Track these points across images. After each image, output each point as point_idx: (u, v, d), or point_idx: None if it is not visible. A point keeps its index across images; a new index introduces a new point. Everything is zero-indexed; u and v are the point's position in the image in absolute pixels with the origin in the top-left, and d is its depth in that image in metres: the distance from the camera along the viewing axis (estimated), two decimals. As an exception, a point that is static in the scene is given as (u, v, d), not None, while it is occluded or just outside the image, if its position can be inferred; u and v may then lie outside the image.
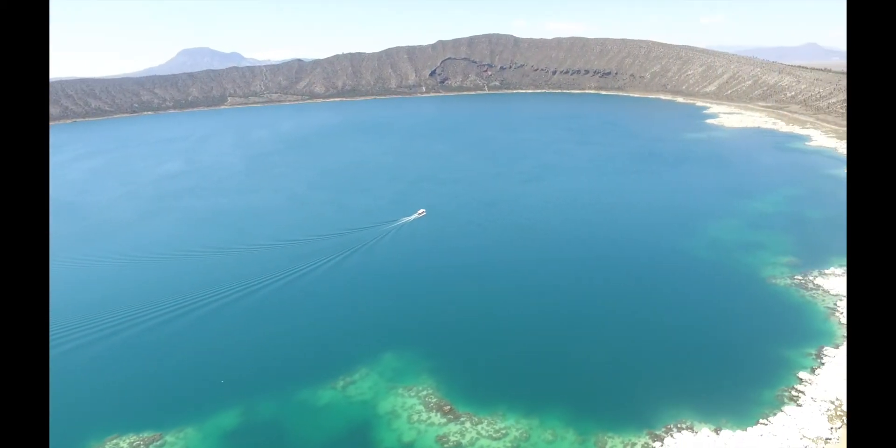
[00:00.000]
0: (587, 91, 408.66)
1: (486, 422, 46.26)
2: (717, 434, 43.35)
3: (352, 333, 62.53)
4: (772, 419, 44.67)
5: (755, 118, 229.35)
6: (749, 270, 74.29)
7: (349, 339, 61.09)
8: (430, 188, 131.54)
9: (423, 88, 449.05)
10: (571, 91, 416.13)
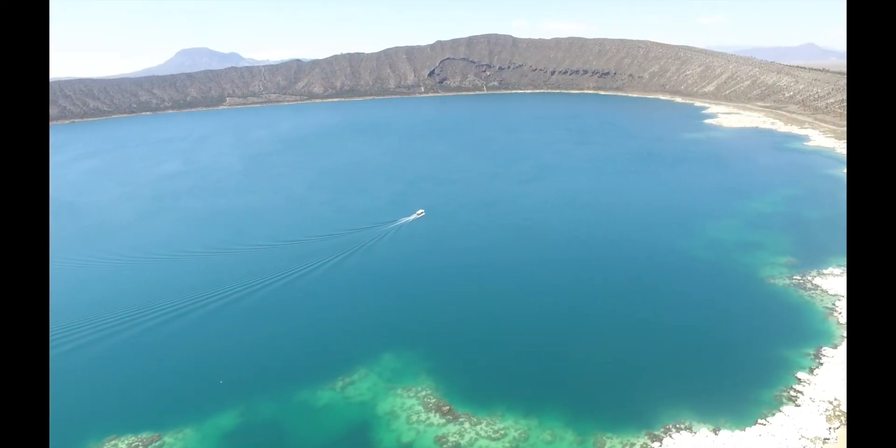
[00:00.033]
0: (586, 91, 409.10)
1: (485, 422, 46.31)
2: (716, 434, 43.44)
3: (351, 334, 62.55)
4: (770, 419, 44.77)
5: (753, 118, 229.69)
6: (747, 270, 74.41)
7: (348, 340, 61.11)
8: (429, 188, 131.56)
9: (422, 89, 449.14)
10: (570, 91, 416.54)
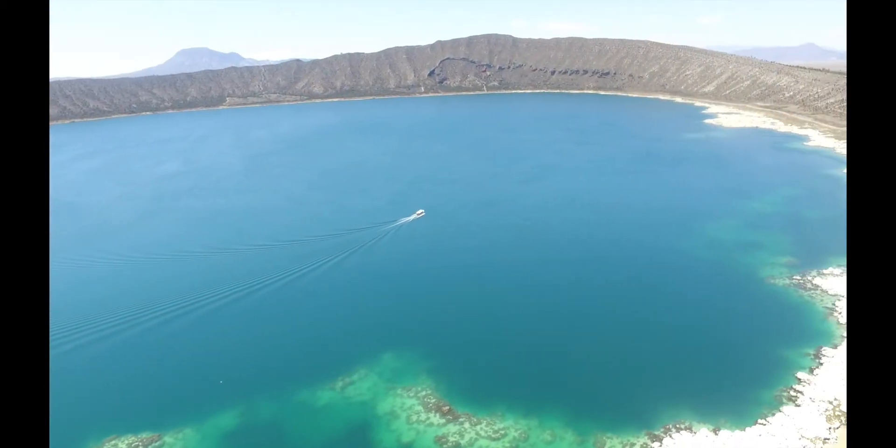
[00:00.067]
0: (586, 91, 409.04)
1: (485, 422, 46.32)
2: (716, 434, 43.44)
3: (351, 334, 62.55)
4: (770, 419, 44.78)
5: (753, 118, 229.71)
6: (747, 270, 74.41)
7: (348, 340, 61.11)
8: (429, 188, 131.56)
9: (422, 89, 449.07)
10: (570, 91, 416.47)
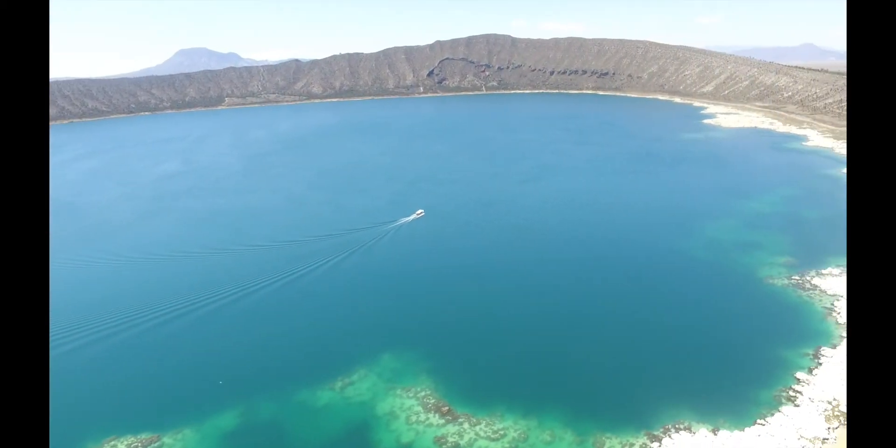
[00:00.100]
0: (585, 91, 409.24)
1: (485, 422, 46.33)
2: (715, 434, 43.49)
3: (351, 334, 62.54)
4: (769, 419, 44.84)
5: (752, 118, 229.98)
6: (746, 270, 74.50)
7: (348, 340, 61.10)
8: (429, 189, 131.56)
9: (421, 89, 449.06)
10: (569, 91, 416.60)
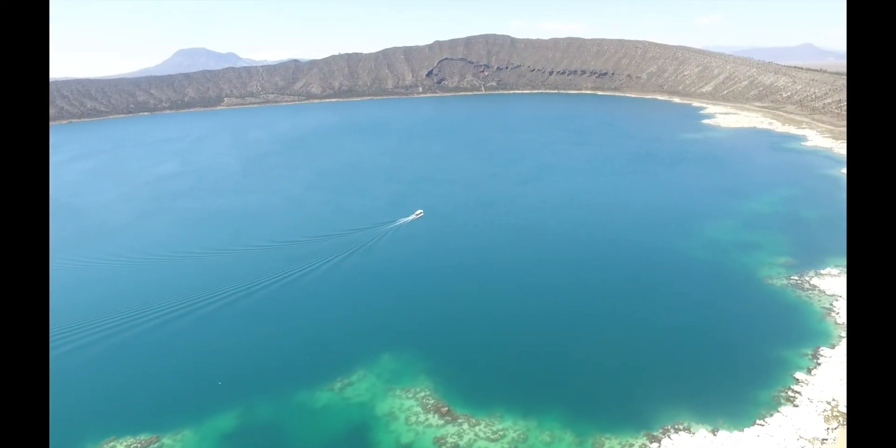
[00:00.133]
0: (584, 91, 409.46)
1: (484, 423, 46.32)
2: (714, 435, 43.50)
3: (350, 334, 62.51)
4: (768, 420, 44.86)
5: (751, 118, 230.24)
6: (745, 271, 74.55)
7: (347, 340, 61.06)
8: (428, 189, 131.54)
9: (420, 89, 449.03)
10: (568, 91, 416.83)
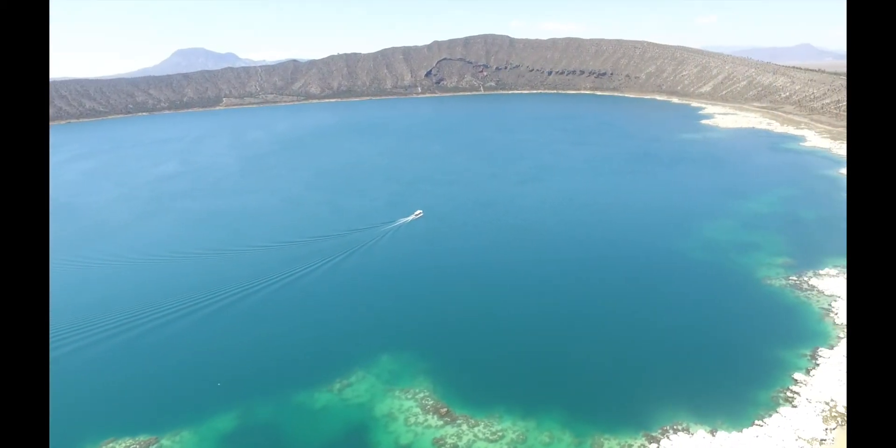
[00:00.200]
0: (582, 91, 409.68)
1: (483, 424, 46.33)
2: (713, 435, 43.54)
3: (349, 335, 62.48)
4: (767, 420, 44.91)
5: (750, 119, 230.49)
6: (744, 271, 74.62)
7: (347, 341, 61.03)
8: (427, 189, 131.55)
9: (419, 89, 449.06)
10: (567, 91, 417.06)
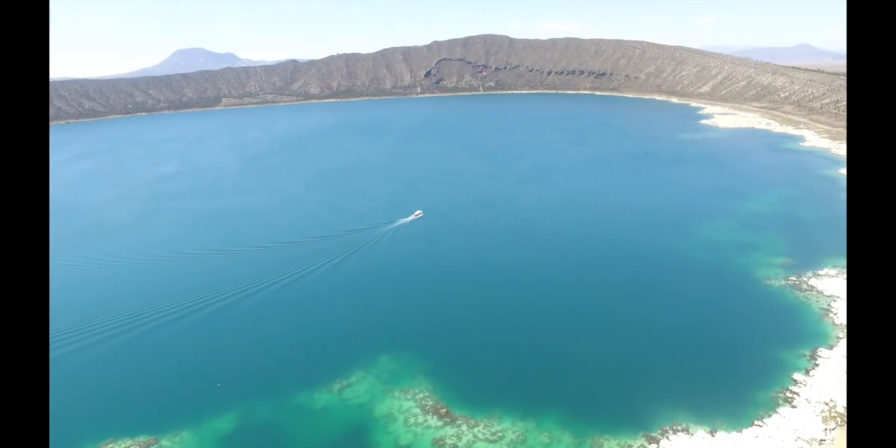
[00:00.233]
0: (582, 92, 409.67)
1: (483, 424, 46.34)
2: (713, 436, 43.57)
3: (349, 335, 62.49)
4: (766, 421, 44.96)
5: (749, 119, 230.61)
6: (743, 271, 74.67)
7: (346, 341, 61.04)
8: (427, 189, 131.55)
9: (419, 89, 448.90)
10: (566, 92, 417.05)
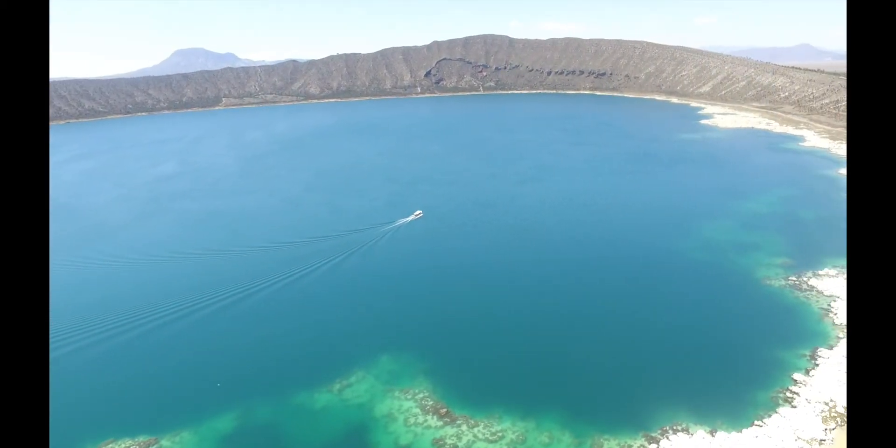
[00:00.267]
0: (582, 92, 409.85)
1: (483, 424, 46.33)
2: (713, 436, 43.57)
3: (349, 335, 62.48)
4: (766, 421, 44.95)
5: (749, 119, 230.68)
6: (743, 271, 74.67)
7: (346, 341, 61.03)
8: (427, 189, 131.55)
9: (419, 89, 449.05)
10: (566, 92, 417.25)
